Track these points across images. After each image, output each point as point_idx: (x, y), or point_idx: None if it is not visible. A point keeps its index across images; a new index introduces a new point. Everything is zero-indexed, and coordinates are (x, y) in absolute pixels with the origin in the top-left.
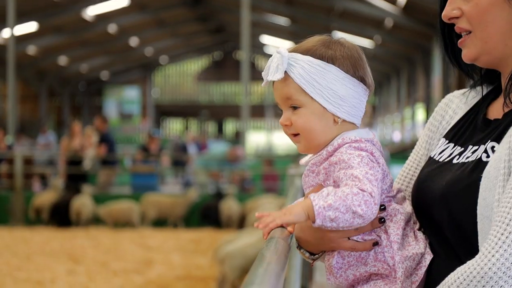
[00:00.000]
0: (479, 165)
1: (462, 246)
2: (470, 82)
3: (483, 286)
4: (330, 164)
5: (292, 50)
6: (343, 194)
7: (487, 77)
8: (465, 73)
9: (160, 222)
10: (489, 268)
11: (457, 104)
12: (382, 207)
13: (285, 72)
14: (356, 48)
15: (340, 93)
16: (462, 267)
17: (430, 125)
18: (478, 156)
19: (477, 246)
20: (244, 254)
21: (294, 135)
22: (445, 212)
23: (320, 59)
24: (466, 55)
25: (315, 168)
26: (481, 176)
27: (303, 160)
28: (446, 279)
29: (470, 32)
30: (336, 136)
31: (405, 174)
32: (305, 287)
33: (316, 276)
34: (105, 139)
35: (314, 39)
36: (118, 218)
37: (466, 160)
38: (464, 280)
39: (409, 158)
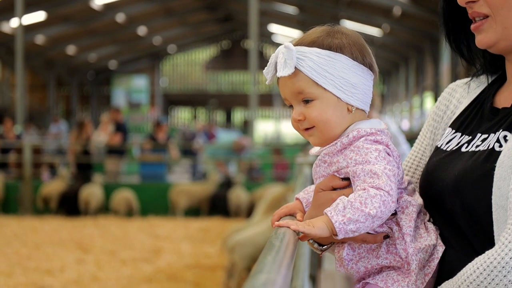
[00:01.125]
0: (492, 155)
1: (477, 236)
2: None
3: (504, 276)
4: (345, 157)
5: (296, 44)
6: (360, 202)
7: (490, 65)
8: (467, 61)
9: (169, 210)
10: (510, 258)
11: (460, 93)
12: None
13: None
14: (358, 35)
15: (352, 81)
16: (481, 257)
17: (434, 115)
18: (491, 146)
19: (492, 236)
20: (253, 243)
21: (307, 129)
22: (458, 202)
23: (328, 49)
24: (483, 41)
25: (328, 159)
26: (495, 166)
27: (313, 150)
28: (464, 269)
29: (486, 17)
30: (349, 125)
31: (410, 164)
32: (313, 275)
33: (325, 265)
34: (121, 129)
35: (316, 30)
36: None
37: (477, 149)
38: (484, 270)
39: (413, 148)
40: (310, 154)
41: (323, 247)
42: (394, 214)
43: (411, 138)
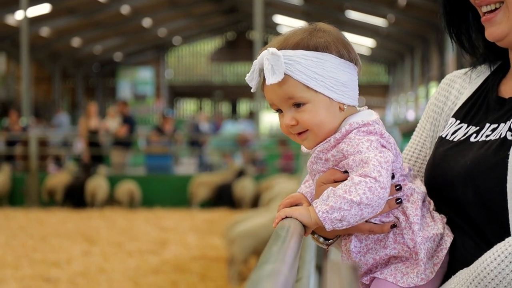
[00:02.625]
0: (505, 143)
1: (490, 225)
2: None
3: None
4: (338, 151)
5: (280, 47)
6: (344, 190)
7: (488, 55)
8: (467, 52)
9: (176, 202)
10: None
11: (460, 83)
12: (397, 187)
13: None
14: (338, 31)
15: (342, 80)
16: (501, 245)
17: (433, 106)
18: (502, 135)
19: (507, 224)
20: (254, 235)
21: (300, 134)
22: (471, 191)
23: (314, 50)
24: (495, 33)
25: (323, 156)
26: (509, 154)
27: (304, 148)
28: (483, 257)
29: (495, 10)
30: (341, 122)
31: (410, 155)
32: (319, 266)
33: (331, 255)
34: (128, 121)
35: (296, 31)
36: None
37: (487, 139)
38: (506, 257)
39: (411, 139)
40: (303, 152)
41: (329, 241)
42: (400, 202)
43: None
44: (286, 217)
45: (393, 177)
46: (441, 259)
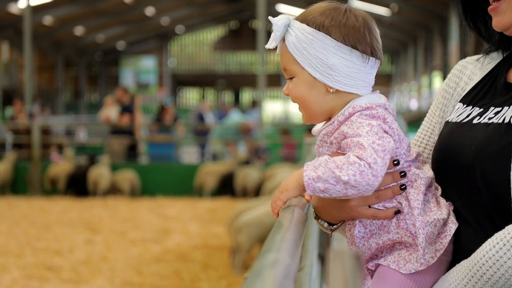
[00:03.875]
0: (509, 129)
1: (498, 212)
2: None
3: None
4: (340, 133)
5: (297, 17)
6: (336, 165)
7: (503, 42)
8: (484, 39)
9: (178, 191)
10: None
11: (471, 70)
12: (402, 174)
13: (284, 41)
14: (359, 17)
15: (329, 63)
16: (500, 233)
17: (443, 92)
18: (506, 119)
19: (510, 213)
20: (260, 223)
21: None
22: (478, 174)
23: (314, 28)
24: (500, 23)
25: (327, 139)
26: None
27: (314, 130)
28: (483, 245)
29: None
30: (342, 105)
31: (420, 141)
32: (322, 255)
33: (334, 244)
34: (128, 110)
35: (321, 5)
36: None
37: (490, 121)
38: (504, 245)
39: (422, 125)
40: (313, 134)
41: (333, 227)
42: (404, 188)
43: (419, 118)
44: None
45: (398, 163)
46: (444, 246)
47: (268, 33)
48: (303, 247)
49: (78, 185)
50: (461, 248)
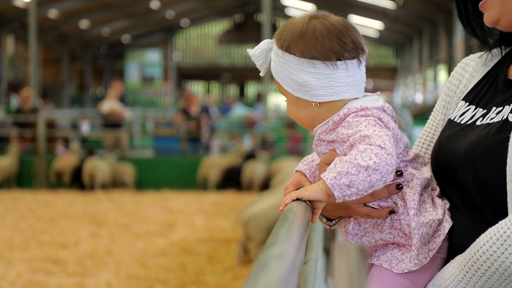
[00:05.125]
0: (506, 125)
1: (489, 208)
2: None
3: None
4: (338, 136)
5: (274, 35)
6: (349, 157)
7: (504, 39)
8: (480, 40)
9: (183, 184)
10: None
11: (473, 67)
12: (398, 173)
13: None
14: (317, 24)
15: (300, 80)
16: (494, 227)
17: (446, 89)
18: (504, 117)
19: (505, 206)
20: (267, 216)
21: None
22: (470, 172)
23: (280, 48)
24: (488, 18)
25: (324, 137)
26: (509, 136)
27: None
28: (477, 240)
29: None
30: (337, 109)
31: (423, 139)
32: (327, 248)
33: (339, 238)
34: (123, 101)
35: (293, 19)
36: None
37: (491, 121)
38: (498, 240)
39: (427, 124)
40: (312, 133)
41: (332, 222)
42: (400, 188)
43: (424, 111)
44: (297, 199)
45: None
46: (437, 245)
47: (274, 26)
48: (308, 240)
49: (82, 179)
50: (458, 243)
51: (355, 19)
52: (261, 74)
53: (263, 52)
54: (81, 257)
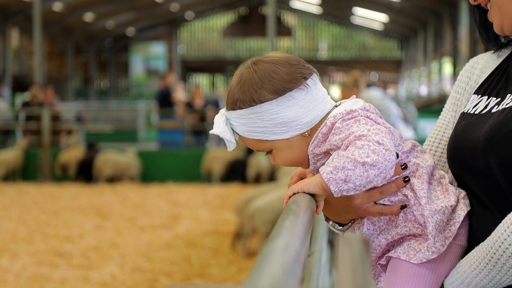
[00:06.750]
0: None
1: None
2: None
3: None
4: (331, 144)
5: (226, 106)
6: (346, 151)
7: None
8: (495, 46)
9: (188, 177)
10: None
11: (483, 64)
12: (403, 166)
13: (235, 132)
14: (260, 65)
15: (285, 120)
16: (509, 217)
17: (456, 87)
18: None
19: None
20: (272, 208)
21: None
22: (493, 158)
23: (249, 106)
24: (495, 27)
25: (318, 151)
26: None
27: None
28: (496, 229)
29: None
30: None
31: (434, 137)
32: (331, 240)
33: None
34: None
35: (232, 85)
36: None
37: (507, 106)
38: None
39: (437, 122)
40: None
41: (344, 227)
42: (408, 181)
43: (429, 104)
44: (294, 193)
45: (397, 156)
46: (453, 233)
47: (278, 19)
48: (312, 232)
49: (88, 172)
50: (480, 232)
51: (360, 12)
52: (231, 148)
53: (225, 124)
54: (85, 250)
